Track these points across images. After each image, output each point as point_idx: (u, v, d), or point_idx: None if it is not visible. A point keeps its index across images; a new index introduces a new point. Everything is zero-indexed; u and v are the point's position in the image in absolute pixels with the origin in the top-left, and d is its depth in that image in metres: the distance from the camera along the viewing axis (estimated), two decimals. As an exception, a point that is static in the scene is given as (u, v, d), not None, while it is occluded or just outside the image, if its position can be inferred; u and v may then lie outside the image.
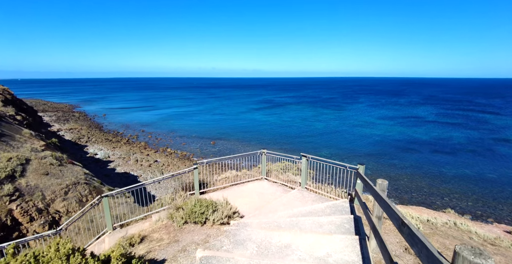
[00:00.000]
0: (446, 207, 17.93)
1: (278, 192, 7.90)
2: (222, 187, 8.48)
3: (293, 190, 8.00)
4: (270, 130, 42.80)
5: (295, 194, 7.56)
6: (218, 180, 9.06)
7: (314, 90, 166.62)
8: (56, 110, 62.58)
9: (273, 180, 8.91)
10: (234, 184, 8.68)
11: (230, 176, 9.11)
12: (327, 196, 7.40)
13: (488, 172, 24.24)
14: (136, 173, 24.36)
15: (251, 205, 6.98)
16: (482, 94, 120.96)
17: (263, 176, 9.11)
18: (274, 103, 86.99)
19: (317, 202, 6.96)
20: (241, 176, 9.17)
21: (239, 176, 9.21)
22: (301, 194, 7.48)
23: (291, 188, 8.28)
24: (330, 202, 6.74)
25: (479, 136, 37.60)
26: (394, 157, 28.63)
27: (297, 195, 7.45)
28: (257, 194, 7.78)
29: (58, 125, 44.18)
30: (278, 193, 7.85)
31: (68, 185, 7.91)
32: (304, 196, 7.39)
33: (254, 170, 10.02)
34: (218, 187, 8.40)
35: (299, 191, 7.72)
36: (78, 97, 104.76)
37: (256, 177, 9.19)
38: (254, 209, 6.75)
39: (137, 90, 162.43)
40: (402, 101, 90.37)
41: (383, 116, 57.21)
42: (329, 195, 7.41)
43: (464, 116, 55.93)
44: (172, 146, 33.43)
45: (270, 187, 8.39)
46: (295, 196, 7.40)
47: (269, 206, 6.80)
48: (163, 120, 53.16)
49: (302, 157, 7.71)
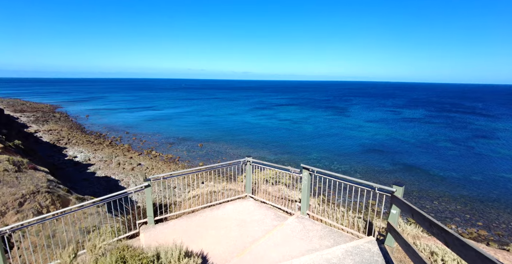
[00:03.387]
0: (435, 212, 17.81)
1: (268, 220, 5.88)
2: (191, 210, 6.39)
3: (289, 216, 6.02)
4: (261, 133, 42.18)
5: (293, 225, 5.63)
6: (186, 200, 6.91)
7: (305, 93, 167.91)
8: (36, 110, 59.73)
9: (261, 199, 6.88)
10: (208, 206, 6.60)
11: (203, 192, 7.00)
12: (340, 229, 5.44)
13: (474, 175, 24.46)
14: (117, 177, 23.12)
15: (227, 246, 5.01)
16: (469, 99, 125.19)
17: (248, 194, 7.11)
18: (265, 105, 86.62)
19: (326, 239, 5.09)
20: (219, 193, 7.15)
21: (216, 193, 7.18)
22: (301, 226, 5.59)
23: (286, 213, 6.26)
24: (349, 244, 4.74)
25: (464, 138, 38.32)
26: (383, 160, 28.57)
27: (296, 227, 5.57)
28: (238, 223, 5.78)
29: (36, 126, 41.95)
30: (269, 221, 5.84)
31: (24, 194, 6.87)
32: (306, 228, 5.49)
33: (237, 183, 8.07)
34: (185, 212, 6.34)
35: (298, 220, 5.75)
36: (61, 97, 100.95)
37: (238, 194, 7.18)
38: (231, 254, 4.76)
39: (123, 91, 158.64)
40: (395, 103, 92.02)
41: (377, 118, 57.75)
42: (342, 227, 5.39)
43: (450, 118, 57.24)
44: (157, 149, 32.22)
45: (256, 210, 6.37)
46: (293, 228, 5.51)
47: (254, 249, 4.85)
48: (149, 121, 51.61)
49: (303, 171, 5.63)
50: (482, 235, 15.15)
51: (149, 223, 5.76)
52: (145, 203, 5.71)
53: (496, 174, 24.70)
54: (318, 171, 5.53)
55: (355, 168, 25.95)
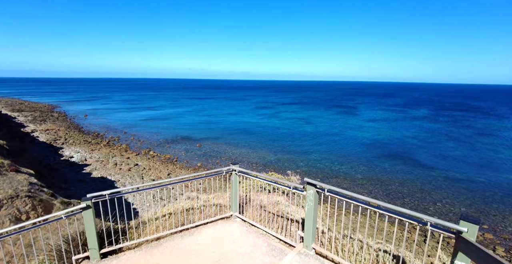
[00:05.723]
0: (439, 214, 17.31)
1: (258, 255, 4.30)
2: (155, 238, 4.80)
3: (288, 248, 4.49)
4: (262, 133, 41.67)
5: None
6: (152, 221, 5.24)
7: (308, 92, 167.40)
8: (34, 110, 59.27)
9: (250, 221, 5.29)
10: (179, 231, 5.05)
11: (177, 209, 5.43)
12: None
13: (478, 176, 23.95)
14: (114, 178, 22.65)
15: None
16: (473, 98, 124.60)
17: (234, 213, 5.57)
18: (266, 104, 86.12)
19: None
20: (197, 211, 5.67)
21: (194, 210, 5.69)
22: None
23: (283, 243, 4.64)
24: None
25: (467, 137, 37.79)
26: (384, 160, 28.06)
27: None
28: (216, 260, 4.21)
29: (33, 125, 41.48)
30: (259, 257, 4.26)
31: (1, 199, 6.39)
32: None
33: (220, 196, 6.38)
34: (148, 239, 4.72)
35: (300, 259, 4.11)
36: (59, 97, 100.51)
37: (221, 212, 5.63)
38: None
39: (122, 91, 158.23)
40: (397, 102, 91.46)
41: (380, 117, 57.23)
42: None
43: (455, 117, 56.68)
44: (155, 149, 31.75)
45: (243, 238, 4.82)
46: None
47: None
48: (148, 121, 51.14)
49: (308, 187, 4.09)
50: (488, 238, 14.65)
51: (93, 259, 4.25)
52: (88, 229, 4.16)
53: (500, 175, 24.20)
54: (330, 189, 3.85)
55: (356, 169, 25.45)
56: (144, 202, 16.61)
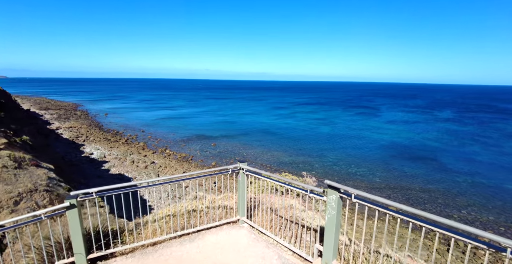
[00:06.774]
0: (464, 222, 16.27)
1: None
2: (151, 243, 4.34)
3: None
4: (277, 133, 41.35)
5: None
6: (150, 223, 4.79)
7: (323, 93, 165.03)
8: (59, 108, 62.17)
9: (259, 228, 4.69)
10: (178, 236, 4.56)
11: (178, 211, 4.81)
12: None
13: (508, 183, 22.39)
14: (130, 175, 23.18)
15: None
16: (500, 100, 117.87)
17: (241, 217, 5.02)
18: (283, 105, 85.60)
19: None
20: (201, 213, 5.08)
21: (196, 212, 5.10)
22: None
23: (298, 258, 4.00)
24: None
25: (496, 141, 35.55)
26: (404, 163, 26.91)
27: None
28: None
29: (58, 123, 43.46)
30: None
31: (21, 193, 6.61)
32: None
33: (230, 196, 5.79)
34: (143, 244, 4.28)
35: None
36: (82, 96, 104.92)
37: (227, 216, 5.13)
38: None
39: (141, 91, 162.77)
40: (419, 103, 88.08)
41: (401, 119, 55.28)
42: None
43: (481, 119, 53.65)
44: (171, 147, 32.24)
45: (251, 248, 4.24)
46: None
47: None
48: (164, 120, 52.16)
49: (330, 191, 3.37)
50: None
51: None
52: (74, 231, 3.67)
53: (533, 183, 22.51)
54: (359, 195, 3.07)
55: (374, 172, 24.56)
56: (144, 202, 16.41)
